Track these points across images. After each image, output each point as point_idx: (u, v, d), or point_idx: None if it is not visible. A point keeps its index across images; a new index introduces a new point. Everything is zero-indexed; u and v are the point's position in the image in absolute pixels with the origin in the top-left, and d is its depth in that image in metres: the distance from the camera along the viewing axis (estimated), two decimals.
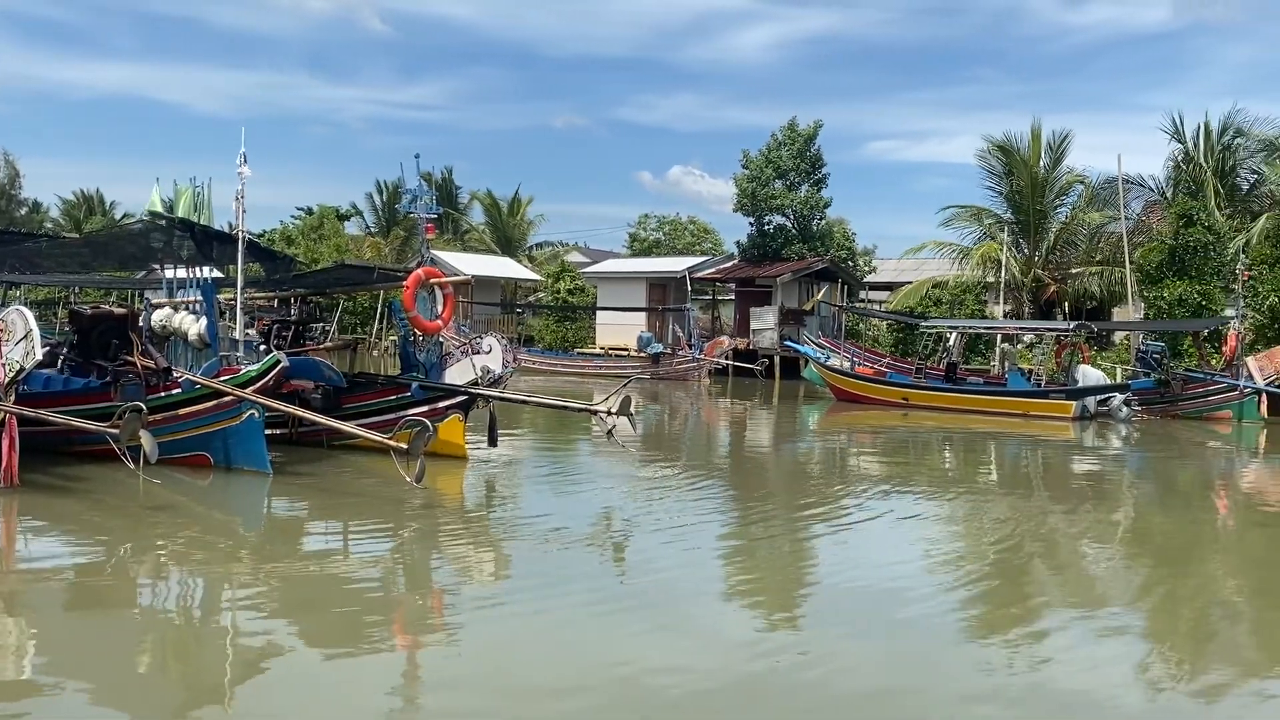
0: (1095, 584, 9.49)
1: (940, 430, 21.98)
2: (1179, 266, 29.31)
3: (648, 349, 35.26)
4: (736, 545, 10.67)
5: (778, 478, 16.08)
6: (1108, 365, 28.28)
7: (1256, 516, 14.05)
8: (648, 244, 55.87)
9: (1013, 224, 39.04)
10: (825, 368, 28.21)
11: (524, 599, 8.01)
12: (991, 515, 12.57)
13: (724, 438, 22.08)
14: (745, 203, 39.49)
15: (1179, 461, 19.18)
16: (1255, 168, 35.68)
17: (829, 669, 6.75)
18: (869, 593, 8.61)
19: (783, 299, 37.39)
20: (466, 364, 14.74)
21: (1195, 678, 6.92)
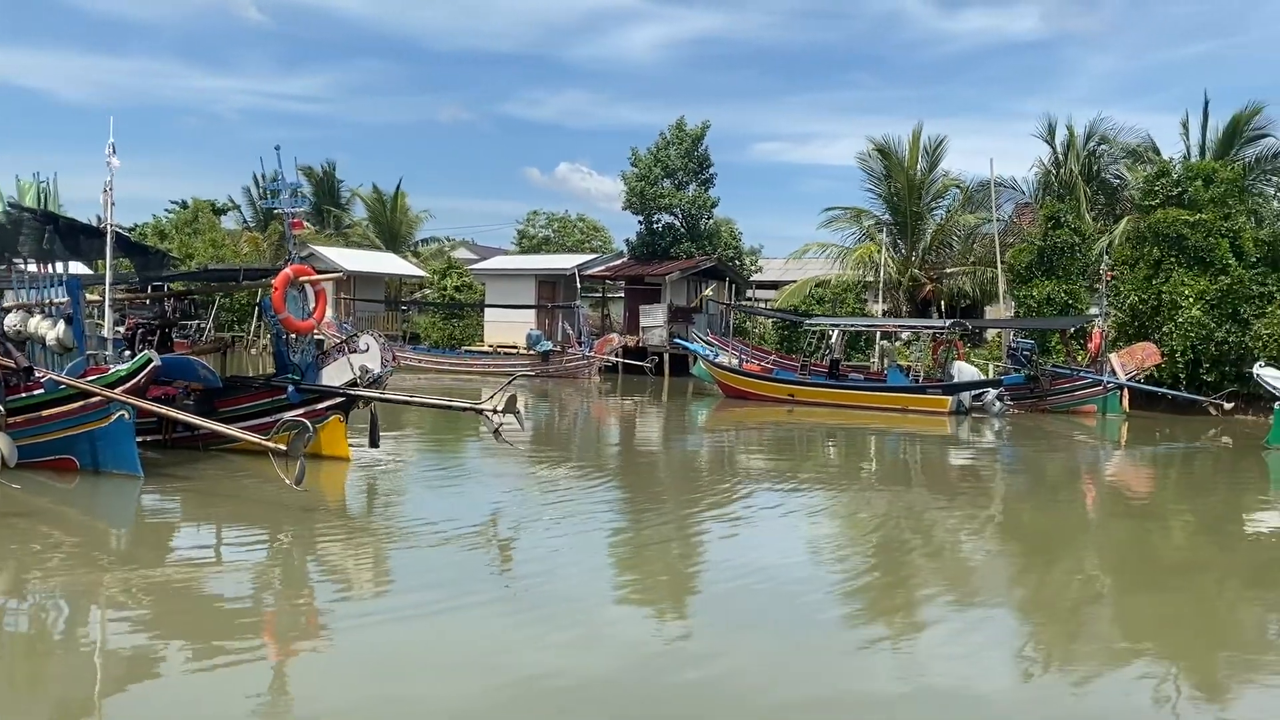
0: (972, 574, 9.79)
1: (825, 425, 22.45)
2: (1047, 267, 30.62)
3: (537, 347, 35.05)
4: (626, 543, 10.65)
5: (668, 475, 16.16)
6: (981, 362, 29.31)
7: (1120, 507, 14.76)
8: (537, 241, 55.57)
9: (891, 225, 40.13)
10: (714, 365, 28.52)
11: (407, 603, 7.82)
12: (874, 508, 12.89)
13: (614, 435, 22.08)
14: (634, 201, 39.62)
15: (1048, 454, 20.02)
16: (1118, 173, 37.53)
17: (719, 665, 6.77)
18: (757, 587, 8.69)
19: (672, 297, 37.68)
20: (344, 363, 14.32)
21: (1065, 663, 7.18)
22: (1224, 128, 34.40)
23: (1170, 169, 30.52)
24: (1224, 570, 10.29)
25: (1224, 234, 26.97)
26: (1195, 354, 26.36)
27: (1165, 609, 8.70)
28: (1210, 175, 28.25)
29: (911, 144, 39.73)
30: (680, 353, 34.20)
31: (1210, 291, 26.32)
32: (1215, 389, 25.73)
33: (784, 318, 35.92)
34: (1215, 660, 7.40)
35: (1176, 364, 26.44)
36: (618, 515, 12.14)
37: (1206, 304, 26.26)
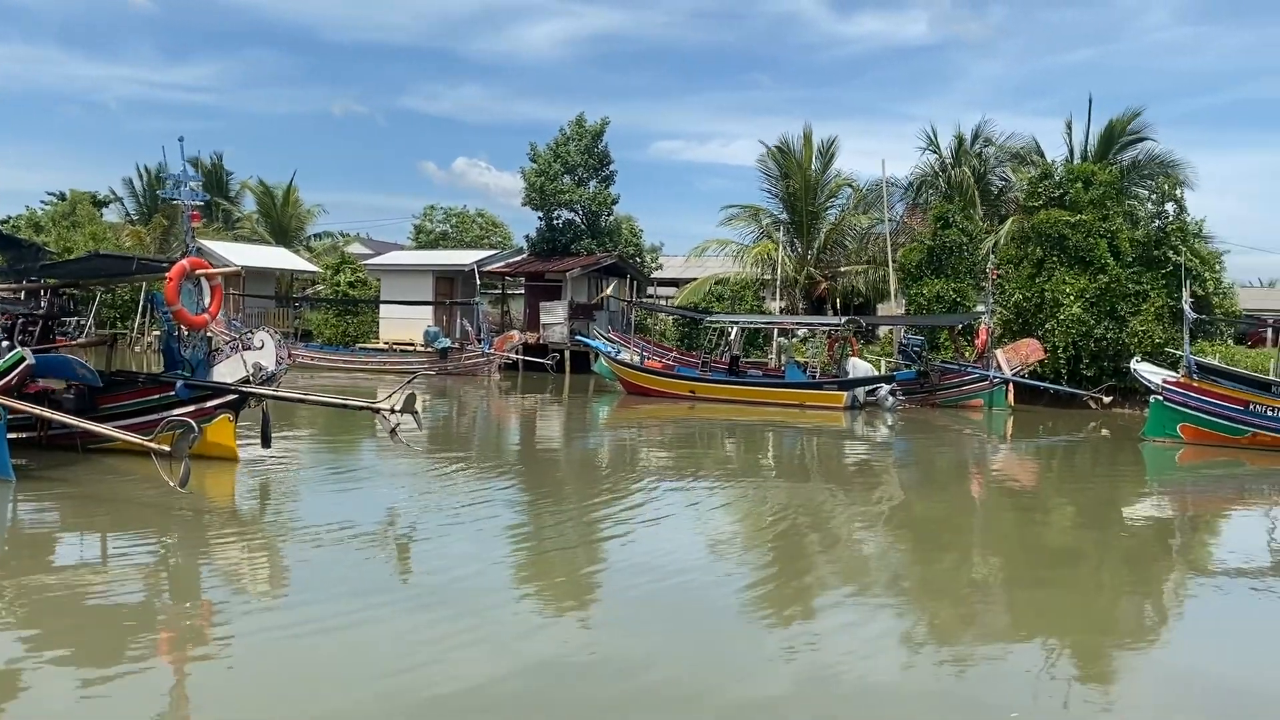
0: (867, 565, 10.01)
1: (725, 421, 22.70)
2: (936, 265, 31.56)
3: (435, 344, 34.54)
4: (527, 541, 10.58)
5: (569, 472, 16.11)
6: (873, 358, 30.04)
7: (1006, 497, 15.31)
8: (434, 236, 54.77)
9: (788, 224, 40.82)
10: (615, 362, 28.56)
11: (301, 606, 7.61)
12: (772, 502, 13.08)
13: (515, 433, 21.91)
14: (534, 197, 39.41)
15: (938, 447, 20.63)
16: (1003, 175, 38.89)
17: (621, 663, 6.78)
18: (659, 584, 8.72)
19: (573, 294, 37.60)
20: (237, 360, 13.87)
21: (955, 648, 7.40)
22: (1102, 132, 35.99)
23: (1053, 171, 31.78)
24: (1102, 557, 10.75)
25: (1102, 234, 28.20)
26: (1076, 350, 27.51)
27: (1048, 595, 9.04)
28: (1090, 178, 29.49)
29: (806, 144, 40.45)
30: (582, 350, 34.16)
31: (1090, 290, 27.51)
32: (1094, 383, 26.93)
33: (684, 315, 36.22)
34: (1094, 642, 7.72)
35: (1058, 359, 27.56)
36: (519, 514, 12.06)
37: (1086, 302, 27.43)
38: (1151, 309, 27.23)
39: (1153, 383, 20.44)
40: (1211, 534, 12.90)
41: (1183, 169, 34.95)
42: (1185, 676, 7.02)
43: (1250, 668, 7.21)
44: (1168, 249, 28.19)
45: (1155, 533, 12.75)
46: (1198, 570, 10.56)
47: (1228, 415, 19.14)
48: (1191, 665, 7.26)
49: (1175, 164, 35.18)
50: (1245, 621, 8.53)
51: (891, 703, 6.28)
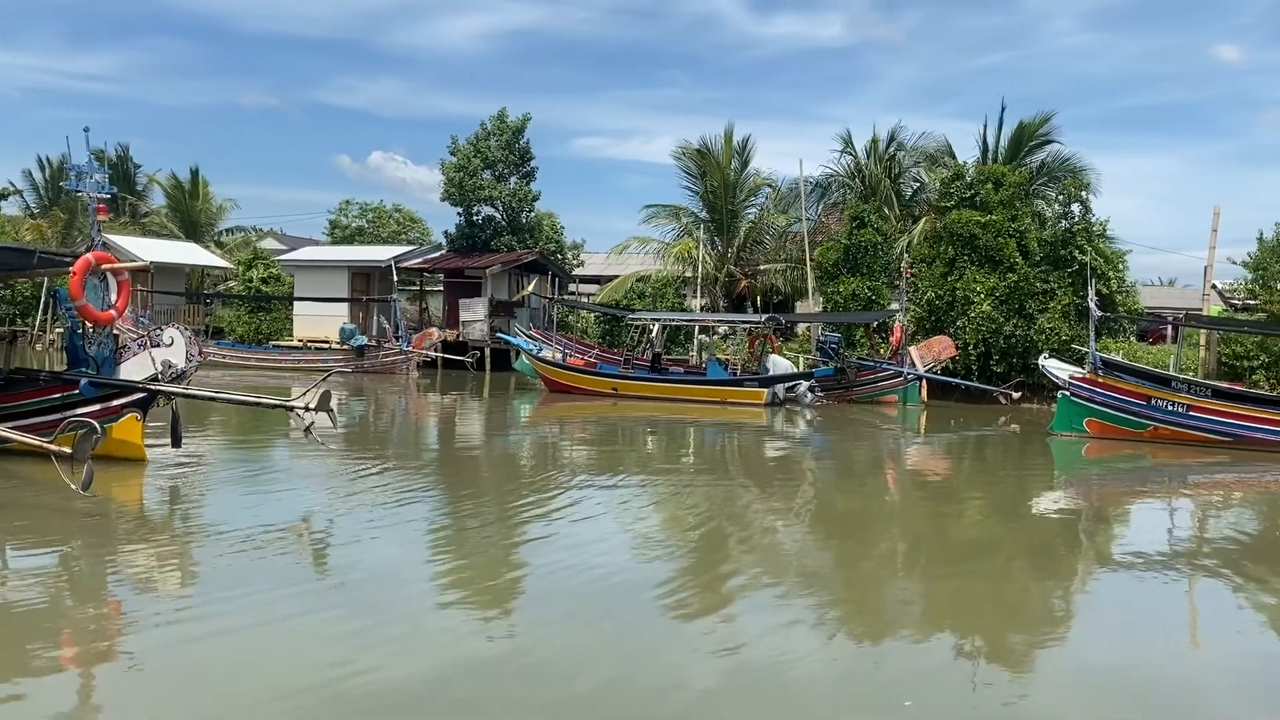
0: (786, 558, 10.13)
1: (648, 418, 22.76)
2: (852, 264, 32.11)
3: (351, 341, 33.96)
4: (447, 541, 10.46)
5: (490, 470, 15.97)
6: (792, 355, 30.45)
7: (920, 491, 15.66)
8: (350, 232, 53.78)
9: (708, 223, 41.10)
10: (537, 359, 28.43)
11: (215, 611, 7.40)
12: (694, 498, 13.16)
13: (434, 432, 21.66)
14: (453, 192, 39.00)
15: (855, 443, 21.00)
16: (917, 176, 39.72)
17: (543, 658, 6.74)
18: (581, 580, 8.70)
19: (493, 291, 37.30)
20: (145, 358, 13.43)
21: (870, 637, 7.54)
22: (1012, 134, 36.99)
23: (964, 172, 32.55)
24: (1012, 549, 11.05)
25: (1011, 234, 29.02)
26: (986, 346, 28.27)
27: (960, 585, 9.26)
28: (1000, 179, 30.30)
29: (725, 143, 40.78)
30: (502, 347, 33.94)
31: (999, 288, 28.29)
32: (1004, 379, 27.69)
33: (606, 312, 36.24)
34: (1004, 630, 7.94)
35: (969, 356, 28.28)
36: (439, 513, 11.91)
37: (996, 300, 28.20)
38: (1058, 307, 28.11)
39: (1060, 379, 21.08)
40: (1116, 525, 13.37)
41: (1088, 171, 36.15)
42: (1088, 661, 7.24)
43: (1149, 652, 7.48)
44: (1074, 249, 29.12)
45: (1063, 524, 13.16)
46: (1102, 560, 10.93)
47: (1131, 410, 19.86)
48: (1095, 651, 7.50)
49: (1081, 166, 36.36)
50: (1146, 608, 8.85)
51: (807, 691, 6.37)
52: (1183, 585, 9.78)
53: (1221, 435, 19.16)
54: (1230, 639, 8.05)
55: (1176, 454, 18.73)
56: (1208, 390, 20.29)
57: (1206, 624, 8.58)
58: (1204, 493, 15.86)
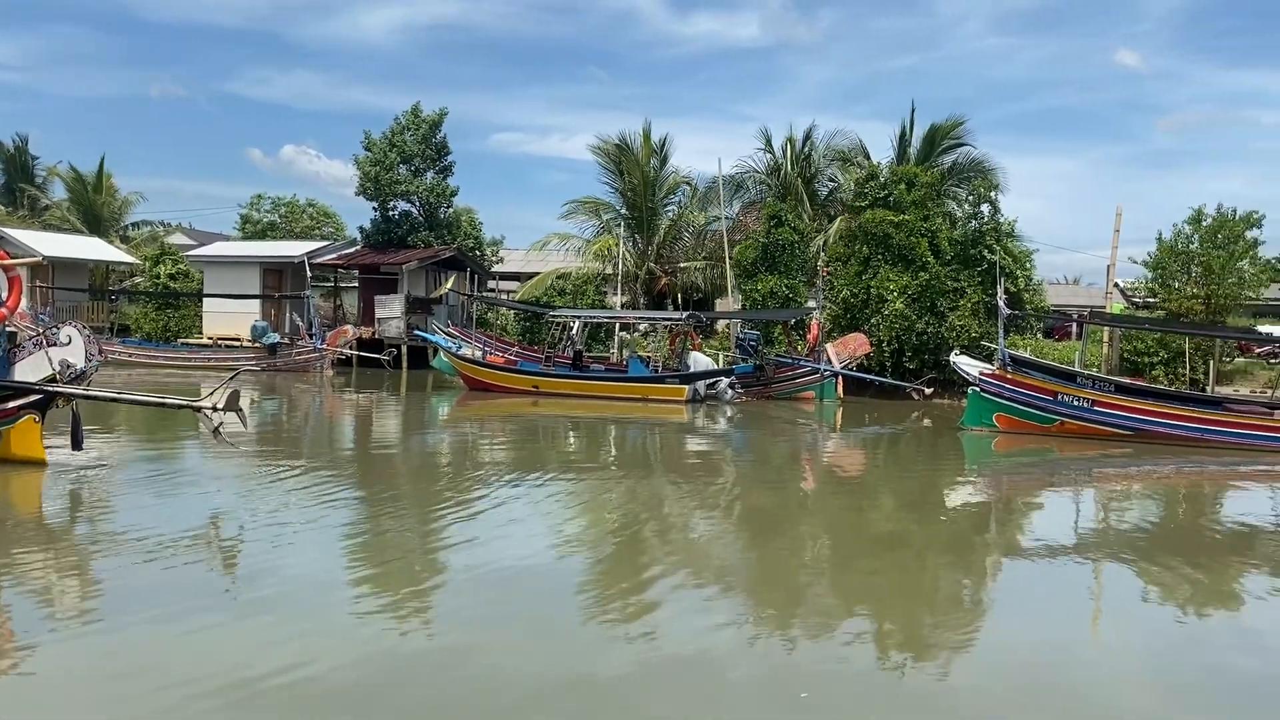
0: (706, 553, 10.19)
1: (569, 416, 22.69)
2: (770, 262, 32.47)
3: (263, 339, 33.18)
4: (365, 542, 10.26)
5: (408, 471, 15.73)
6: (711, 352, 30.68)
7: (836, 485, 15.90)
8: (262, 227, 52.50)
9: (628, 220, 41.15)
10: (456, 357, 28.13)
11: (120, 620, 7.14)
12: (615, 495, 13.15)
13: (349, 431, 21.27)
14: (368, 187, 38.38)
15: (773, 438, 21.24)
16: (832, 175, 40.33)
17: (462, 657, 6.66)
18: (501, 579, 8.62)
19: (409, 287, 36.79)
20: (41, 357, 12.90)
21: (789, 628, 7.61)
22: (925, 136, 37.81)
23: (878, 172, 33.17)
24: (924, 541, 11.28)
25: (924, 234, 29.68)
26: (899, 343, 28.86)
27: (874, 577, 9.43)
28: (912, 179, 30.96)
29: (644, 141, 40.85)
30: (420, 345, 33.50)
31: (912, 286, 28.90)
32: (916, 375, 28.32)
33: (526, 309, 36.02)
34: (916, 619, 8.10)
35: (884, 353, 28.84)
36: (355, 514, 11.67)
37: (909, 298, 28.81)
38: (968, 305, 28.84)
39: (970, 375, 21.60)
40: (1025, 516, 13.75)
41: (996, 172, 37.15)
42: (999, 648, 7.44)
43: (1057, 636, 7.71)
44: (983, 248, 29.90)
45: (973, 517, 13.49)
46: (1012, 550, 11.23)
47: (1038, 405, 20.46)
48: (1004, 638, 7.70)
49: (990, 167, 37.35)
50: (1054, 595, 9.11)
51: (722, 683, 6.41)
52: (1089, 572, 10.11)
53: (1124, 429, 19.86)
54: (1133, 622, 8.34)
55: (1082, 447, 19.35)
56: (1111, 386, 21.01)
57: (1111, 609, 8.88)
58: (1108, 485, 16.41)
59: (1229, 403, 20.87)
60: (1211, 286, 28.65)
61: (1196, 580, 9.67)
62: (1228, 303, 29.10)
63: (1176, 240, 29.36)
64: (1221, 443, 19.23)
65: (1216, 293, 28.69)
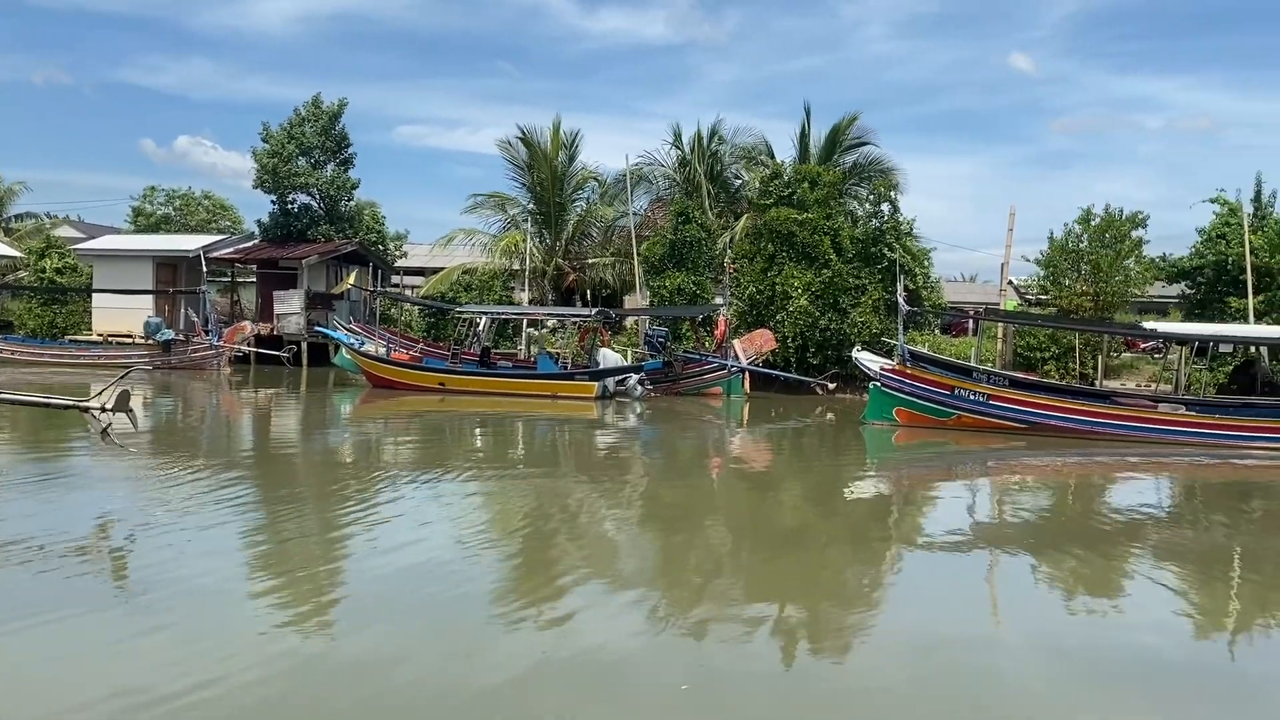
0: (615, 549, 10.20)
1: (477, 413, 22.46)
2: (678, 259, 32.67)
3: (157, 336, 32.04)
4: (264, 545, 9.96)
5: (309, 471, 15.35)
6: (620, 348, 30.72)
7: (742, 479, 16.08)
8: (155, 220, 50.71)
9: (535, 215, 40.92)
10: (359, 354, 27.60)
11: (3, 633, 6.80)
12: (523, 493, 13.06)
13: (248, 431, 20.67)
14: (266, 179, 37.36)
15: (682, 434, 21.38)
16: (738, 173, 40.75)
17: (366, 661, 6.52)
18: (407, 580, 8.47)
19: (310, 282, 35.98)
20: None
21: (694, 621, 7.65)
22: (827, 135, 38.48)
23: (782, 171, 33.64)
24: (827, 534, 11.49)
25: (826, 232, 30.21)
26: (804, 339, 29.33)
27: (778, 570, 9.55)
28: (816, 178, 31.48)
29: (553, 135, 40.66)
30: (321, 341, 32.80)
31: (815, 283, 29.39)
32: (820, 371, 28.82)
33: (431, 305, 35.54)
34: (820, 610, 8.23)
35: (788, 349, 29.27)
36: (254, 516, 11.33)
37: (812, 295, 29.29)
38: (870, 301, 29.47)
39: (871, 370, 22.06)
40: (924, 508, 14.11)
41: (896, 172, 38.06)
42: (900, 636, 7.60)
43: (957, 624, 7.92)
44: (884, 246, 30.58)
45: (875, 509, 13.79)
46: (911, 542, 11.51)
47: (936, 399, 21.01)
48: (904, 626, 7.86)
49: (890, 168, 38.23)
50: (951, 584, 9.36)
51: (631, 679, 6.42)
52: (986, 561, 10.42)
53: (1018, 422, 20.53)
54: (1028, 608, 8.62)
55: (978, 440, 19.96)
56: (1005, 380, 21.71)
57: (1007, 596, 9.16)
58: (1003, 476, 16.95)
59: (1116, 396, 21.76)
60: (1100, 284, 29.82)
61: (1088, 566, 10.04)
62: (1115, 300, 30.33)
63: (1067, 239, 30.47)
64: (1109, 434, 20.03)
65: (1104, 290, 29.86)
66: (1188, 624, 8.46)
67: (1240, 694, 6.69)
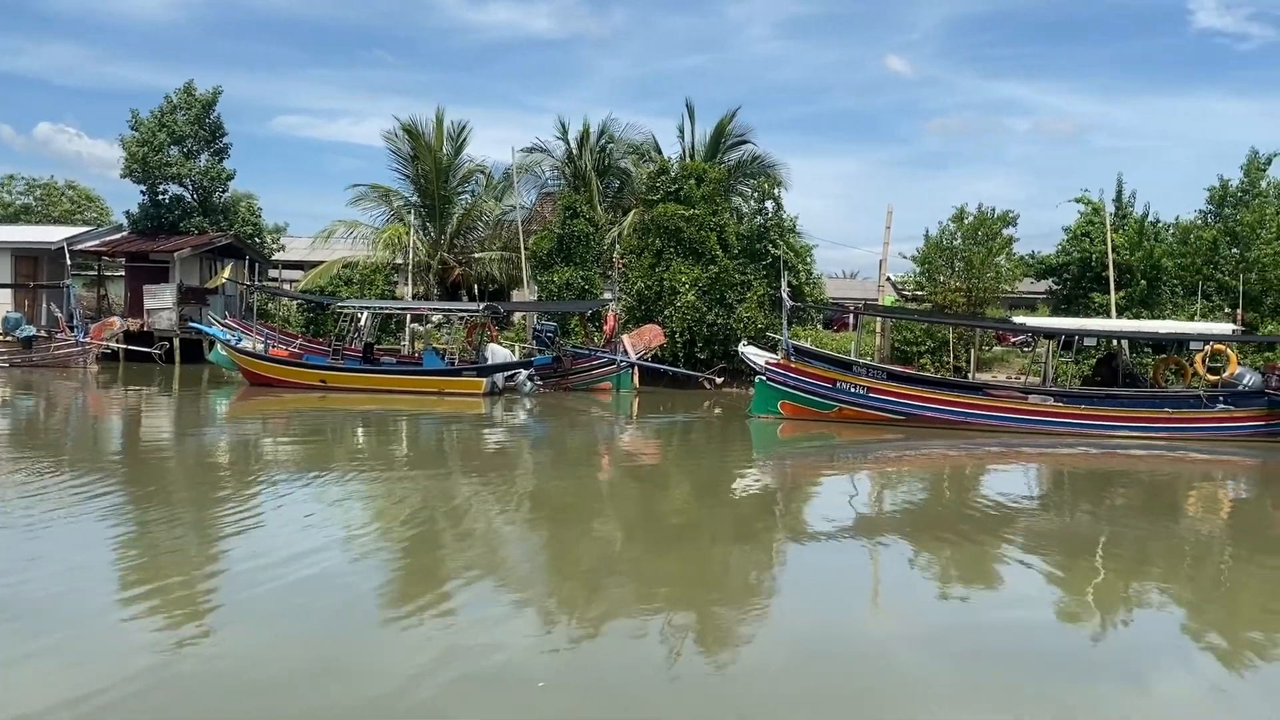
0: (503, 547, 10.11)
1: (360, 411, 21.96)
2: (566, 254, 32.61)
3: (17, 332, 30.40)
4: (133, 550, 9.52)
5: (183, 472, 14.74)
6: (508, 344, 30.50)
7: (632, 474, 16.16)
8: (14, 210, 48.02)
9: (419, 207, 40.24)
10: (236, 350, 26.68)
11: None
12: (408, 492, 12.83)
13: (116, 431, 19.77)
14: (135, 169, 35.81)
15: (571, 430, 21.36)
16: (625, 169, 40.87)
17: (243, 667, 6.31)
18: (287, 582, 8.20)
19: (182, 276, 34.64)
20: None
21: (584, 617, 7.66)
22: (712, 133, 38.92)
23: (669, 167, 33.90)
24: (714, 527, 11.63)
25: (713, 228, 30.60)
26: (691, 334, 29.65)
27: (669, 563, 9.63)
28: (702, 175, 31.81)
29: (437, 127, 40.03)
30: (194, 337, 31.63)
31: (702, 279, 29.74)
32: (708, 365, 29.17)
33: (311, 300, 34.65)
34: (706, 603, 8.32)
35: (676, 344, 29.54)
36: (123, 519, 10.81)
37: (699, 290, 29.63)
38: (755, 297, 29.97)
39: (757, 364, 22.44)
40: (808, 499, 14.44)
41: (780, 170, 38.77)
42: (785, 626, 7.76)
43: (836, 611, 8.14)
44: (768, 243, 31.15)
45: (761, 501, 14.03)
46: (796, 533, 11.76)
47: (819, 393, 21.51)
48: (789, 614, 8.04)
49: (774, 165, 38.93)
50: (834, 574, 9.61)
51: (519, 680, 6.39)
52: (868, 550, 10.71)
53: (896, 414, 21.18)
54: (909, 594, 8.90)
55: (859, 432, 20.51)
56: (884, 373, 22.37)
57: (887, 583, 9.45)
58: (883, 467, 17.47)
59: (988, 388, 22.66)
60: (972, 280, 30.97)
61: (964, 552, 10.43)
62: (987, 295, 31.55)
63: (941, 237, 31.54)
64: (983, 425, 20.85)
65: (977, 286, 31.03)
66: (1056, 605, 8.86)
67: (1100, 667, 7.05)
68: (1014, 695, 6.44)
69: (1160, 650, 7.58)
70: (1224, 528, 13.17)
